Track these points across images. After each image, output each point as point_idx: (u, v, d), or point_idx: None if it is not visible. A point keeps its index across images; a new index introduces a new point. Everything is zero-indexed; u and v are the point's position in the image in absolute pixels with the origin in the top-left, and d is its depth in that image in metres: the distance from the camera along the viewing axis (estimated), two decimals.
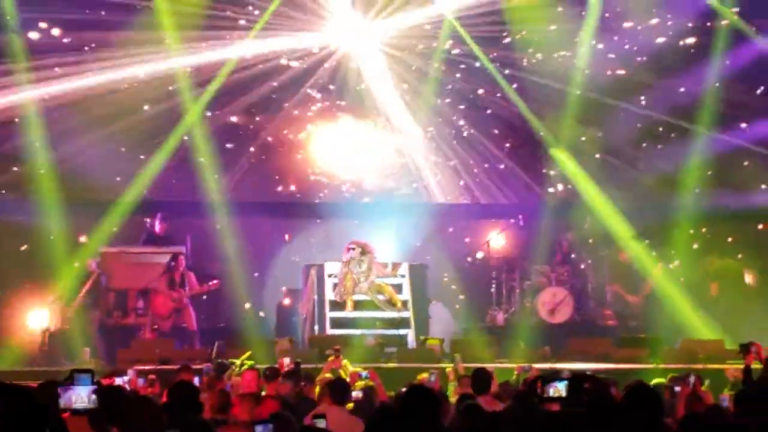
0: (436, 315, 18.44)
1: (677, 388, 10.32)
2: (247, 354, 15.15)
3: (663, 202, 19.29)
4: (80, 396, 5.75)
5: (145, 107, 18.72)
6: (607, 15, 19.07)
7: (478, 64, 19.26)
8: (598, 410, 5.71)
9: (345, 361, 13.95)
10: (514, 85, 19.26)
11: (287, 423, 6.51)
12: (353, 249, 17.37)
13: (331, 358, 13.35)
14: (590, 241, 19.26)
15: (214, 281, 17.64)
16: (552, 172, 19.52)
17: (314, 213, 19.34)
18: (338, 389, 9.79)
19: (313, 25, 19.11)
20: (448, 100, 19.49)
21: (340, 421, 7.96)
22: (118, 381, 11.12)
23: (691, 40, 19.12)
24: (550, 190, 19.66)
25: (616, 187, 19.12)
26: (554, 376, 7.06)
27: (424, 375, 12.33)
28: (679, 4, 18.91)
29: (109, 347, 17.01)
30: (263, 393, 10.88)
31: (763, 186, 19.35)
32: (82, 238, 18.22)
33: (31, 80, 18.30)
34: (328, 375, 12.67)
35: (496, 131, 19.64)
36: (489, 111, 19.57)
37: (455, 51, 19.35)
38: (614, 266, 18.65)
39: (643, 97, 19.32)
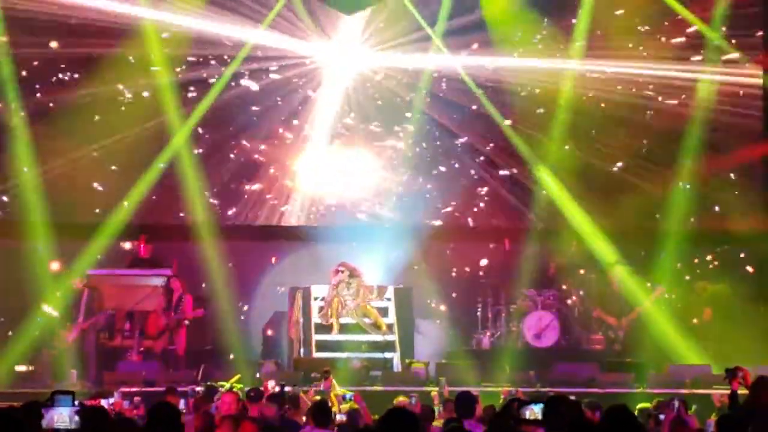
0: (422, 338, 18.49)
1: (662, 416, 10.36)
2: (237, 377, 15.18)
3: (648, 227, 19.35)
4: (62, 416, 5.78)
5: (132, 127, 18.72)
6: (598, 32, 19.26)
7: (461, 86, 19.36)
8: None
9: (333, 382, 14.00)
10: (500, 105, 19.34)
11: None
12: (342, 272, 17.44)
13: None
14: (576, 264, 19.28)
15: (199, 311, 17.68)
16: (537, 195, 19.54)
17: (300, 236, 19.37)
18: (321, 412, 9.83)
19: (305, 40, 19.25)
20: (436, 121, 19.52)
21: None
22: (103, 403, 11.16)
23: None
24: (536, 213, 19.67)
25: (601, 212, 19.17)
26: (531, 398, 7.11)
27: (403, 398, 12.35)
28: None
29: (95, 369, 17.06)
30: (247, 415, 10.92)
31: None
32: (54, 265, 18.21)
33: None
34: (317, 397, 12.72)
35: (481, 153, 19.67)
36: (472, 132, 19.61)
37: (439, 76, 19.46)
38: (600, 290, 18.67)
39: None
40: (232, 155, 19.36)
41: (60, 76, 18.74)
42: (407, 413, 6.05)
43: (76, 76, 18.77)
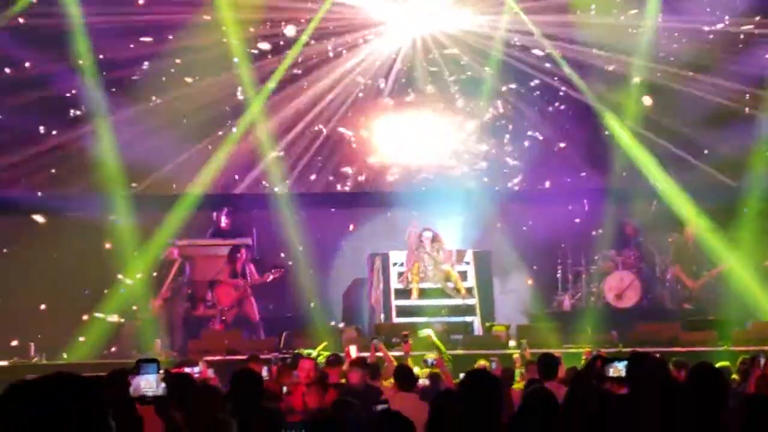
0: (502, 301, 18.45)
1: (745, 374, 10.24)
2: (323, 345, 15.28)
3: (729, 184, 19.07)
4: (149, 383, 5.84)
5: (207, 99, 18.80)
6: None
7: (538, 51, 19.18)
8: (660, 391, 5.70)
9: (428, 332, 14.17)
10: (576, 65, 19.12)
11: (349, 409, 6.57)
12: (425, 236, 17.42)
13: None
14: (656, 224, 19.10)
15: (277, 270, 17.75)
16: (616, 154, 19.32)
17: (378, 202, 19.38)
18: (404, 376, 9.88)
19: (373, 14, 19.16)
20: (512, 86, 19.37)
21: (405, 406, 7.99)
22: (188, 371, 11.29)
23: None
24: (615, 172, 19.45)
25: (682, 169, 18.95)
26: (614, 356, 7.04)
27: (484, 362, 12.37)
28: None
29: (181, 338, 17.31)
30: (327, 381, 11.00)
31: None
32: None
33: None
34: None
35: (557, 113, 19.48)
36: (549, 92, 19.41)
37: (516, 36, 19.27)
38: (679, 249, 18.45)
39: (708, 78, 19.08)
40: (306, 122, 19.34)
41: (136, 45, 18.78)
42: (488, 375, 6.04)
43: (152, 44, 18.80)
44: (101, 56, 18.43)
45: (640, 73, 19.08)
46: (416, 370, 12.94)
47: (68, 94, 18.59)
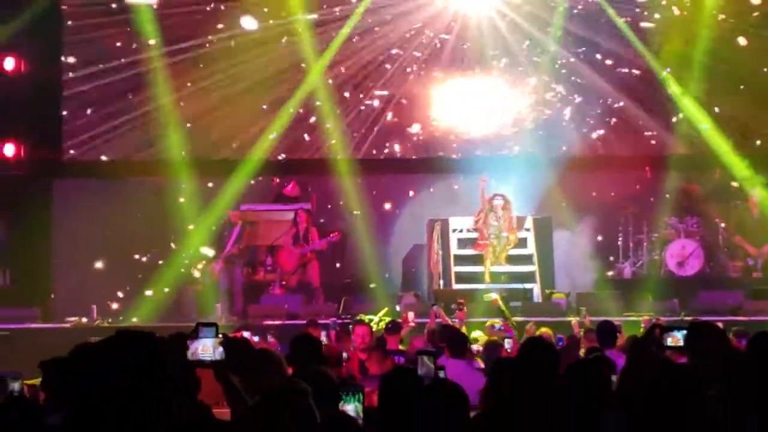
0: (562, 267, 18.35)
1: None
2: (385, 310, 15.33)
3: None
4: (207, 347, 5.87)
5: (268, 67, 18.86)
6: None
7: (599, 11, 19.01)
8: (717, 360, 5.63)
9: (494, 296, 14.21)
10: (640, 30, 18.92)
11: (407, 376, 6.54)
12: (496, 202, 17.33)
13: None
14: (719, 191, 18.88)
15: (334, 234, 17.78)
16: (678, 121, 19.10)
17: (438, 169, 19.33)
18: (457, 342, 9.88)
19: None
20: (572, 59, 19.19)
21: (457, 373, 8.00)
22: (247, 336, 11.37)
23: None
24: (677, 139, 19.23)
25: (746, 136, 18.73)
26: (673, 324, 6.98)
27: (545, 329, 12.37)
28: None
29: (241, 303, 17.42)
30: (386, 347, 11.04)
31: None
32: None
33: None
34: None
35: (618, 79, 19.27)
36: (611, 59, 19.21)
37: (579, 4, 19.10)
38: (742, 217, 18.21)
39: None
40: (365, 89, 19.33)
41: (197, 10, 18.89)
42: (546, 344, 6.02)
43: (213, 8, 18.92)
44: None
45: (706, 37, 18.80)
46: (478, 334, 12.97)
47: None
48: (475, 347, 11.24)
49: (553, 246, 18.05)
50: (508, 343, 10.59)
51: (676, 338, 6.31)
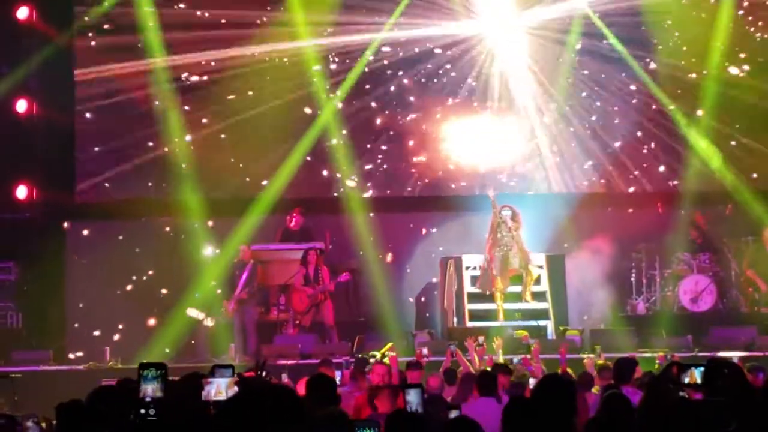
0: (576, 305, 18.30)
1: None
2: (389, 345, 15.32)
3: None
4: (221, 388, 5.85)
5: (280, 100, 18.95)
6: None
7: (610, 49, 19.07)
8: (737, 397, 5.62)
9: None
10: (650, 66, 19.02)
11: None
12: (505, 214, 17.25)
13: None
14: (731, 227, 18.85)
15: (344, 274, 17.75)
16: (690, 156, 19.12)
17: (450, 206, 19.32)
18: (485, 381, 9.90)
19: (446, 15, 19.15)
20: (583, 94, 19.25)
21: (485, 412, 7.98)
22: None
23: None
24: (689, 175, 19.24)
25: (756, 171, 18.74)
26: (689, 361, 6.96)
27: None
28: None
29: (255, 342, 17.38)
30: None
31: None
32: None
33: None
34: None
35: (628, 116, 19.31)
36: (622, 94, 19.27)
37: (588, 36, 19.18)
38: (755, 253, 18.14)
39: None
40: (379, 126, 19.38)
41: (206, 50, 19.02)
42: (561, 381, 6.00)
43: (222, 50, 19.02)
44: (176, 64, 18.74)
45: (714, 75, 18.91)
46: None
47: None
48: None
49: (566, 283, 18.00)
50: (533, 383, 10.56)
51: (693, 375, 6.30)
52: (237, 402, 3.70)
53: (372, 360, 13.92)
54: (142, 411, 5.36)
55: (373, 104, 19.34)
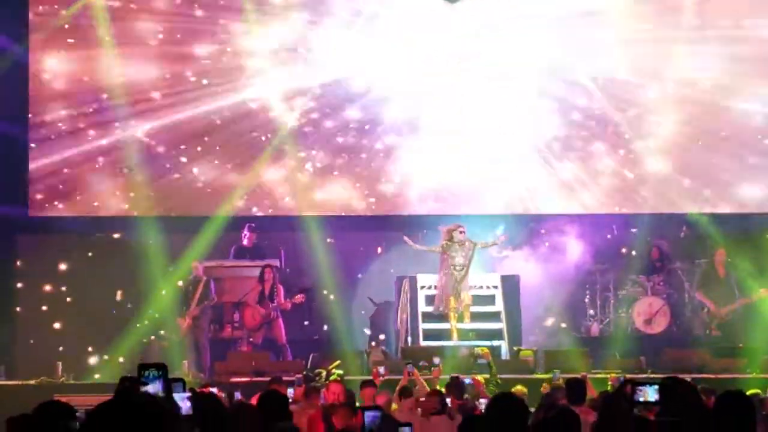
0: (529, 325, 18.35)
1: None
2: (336, 363, 15.30)
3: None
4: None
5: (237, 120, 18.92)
6: None
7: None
8: (689, 417, 5.64)
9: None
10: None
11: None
12: (461, 232, 17.19)
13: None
14: (685, 249, 18.99)
15: (299, 296, 17.71)
16: (646, 179, 19.22)
17: (405, 225, 19.27)
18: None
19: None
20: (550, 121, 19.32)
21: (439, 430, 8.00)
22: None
23: None
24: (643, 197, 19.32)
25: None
26: (645, 380, 6.98)
27: (520, 387, 12.43)
28: None
29: (208, 359, 17.29)
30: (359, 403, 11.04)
31: None
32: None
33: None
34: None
35: (585, 144, 19.38)
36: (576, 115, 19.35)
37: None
38: (707, 275, 18.23)
39: None
40: (337, 144, 19.33)
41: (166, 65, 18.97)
42: (515, 399, 6.00)
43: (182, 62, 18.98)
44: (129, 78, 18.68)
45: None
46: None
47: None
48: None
49: (520, 303, 18.01)
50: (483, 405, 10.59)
51: (647, 394, 6.33)
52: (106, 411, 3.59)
53: (318, 378, 13.96)
54: None
55: (330, 122, 19.26)
